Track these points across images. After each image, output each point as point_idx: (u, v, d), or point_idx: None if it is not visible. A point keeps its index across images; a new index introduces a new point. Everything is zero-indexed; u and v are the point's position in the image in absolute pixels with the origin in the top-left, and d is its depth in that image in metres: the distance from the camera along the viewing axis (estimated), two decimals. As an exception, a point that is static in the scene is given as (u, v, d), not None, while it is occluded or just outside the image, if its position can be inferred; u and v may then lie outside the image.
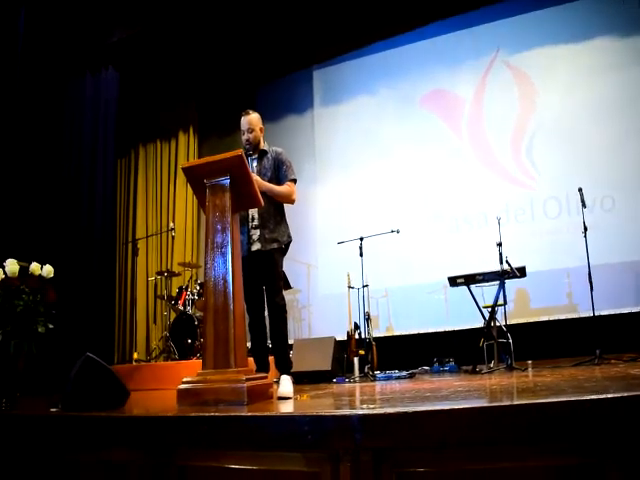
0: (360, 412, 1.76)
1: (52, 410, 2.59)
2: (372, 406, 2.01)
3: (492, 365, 5.07)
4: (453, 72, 7.35)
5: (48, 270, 3.40)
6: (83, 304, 6.47)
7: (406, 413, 1.70)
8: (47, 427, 2.41)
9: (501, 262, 5.18)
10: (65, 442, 2.35)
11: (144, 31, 6.94)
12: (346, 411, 1.83)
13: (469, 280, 5.47)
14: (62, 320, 3.60)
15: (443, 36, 7.43)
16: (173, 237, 7.68)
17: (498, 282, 5.17)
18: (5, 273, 3.21)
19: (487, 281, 5.40)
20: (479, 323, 5.48)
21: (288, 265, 3.77)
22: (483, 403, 1.88)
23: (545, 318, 6.34)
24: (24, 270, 3.30)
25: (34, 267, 3.34)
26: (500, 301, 5.16)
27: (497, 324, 5.18)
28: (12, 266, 3.23)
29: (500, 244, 5.27)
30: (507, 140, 6.96)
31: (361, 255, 6.01)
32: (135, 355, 7.10)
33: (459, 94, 7.32)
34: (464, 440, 1.65)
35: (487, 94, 7.16)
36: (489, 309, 5.23)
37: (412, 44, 7.61)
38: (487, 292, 5.54)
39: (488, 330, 5.19)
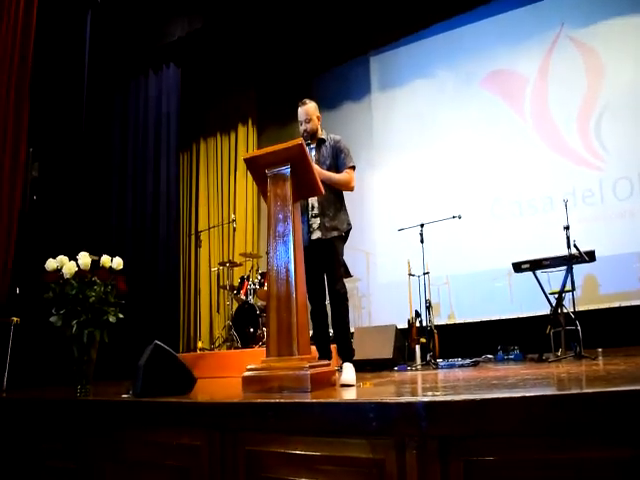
0: (425, 399, 1.73)
1: (124, 396, 2.70)
2: (437, 393, 1.98)
3: (560, 353, 4.91)
4: (515, 51, 7.11)
5: (118, 262, 3.53)
6: (150, 295, 6.70)
7: (473, 400, 1.66)
8: (120, 412, 2.51)
9: (568, 246, 4.99)
10: (136, 427, 2.44)
11: (204, 27, 7.08)
12: (410, 398, 1.80)
13: (535, 265, 5.32)
14: (131, 310, 3.72)
15: (503, 14, 7.19)
16: (234, 228, 7.82)
17: (565, 267, 4.99)
18: (78, 266, 3.35)
19: (554, 266, 5.23)
20: (545, 310, 5.31)
21: (347, 253, 3.75)
22: (554, 391, 1.81)
23: (616, 304, 6.06)
24: (95, 263, 3.43)
25: (104, 260, 3.46)
26: (568, 287, 4.98)
27: (565, 311, 5.01)
28: (84, 259, 3.37)
29: (567, 227, 5.08)
30: (573, 119, 6.67)
31: (422, 242, 5.94)
32: (199, 344, 7.30)
33: (522, 73, 7.07)
34: (534, 429, 1.60)
35: (551, 72, 6.87)
36: (556, 295, 5.06)
37: (471, 24, 7.41)
38: (553, 278, 5.36)
39: (555, 317, 5.03)
